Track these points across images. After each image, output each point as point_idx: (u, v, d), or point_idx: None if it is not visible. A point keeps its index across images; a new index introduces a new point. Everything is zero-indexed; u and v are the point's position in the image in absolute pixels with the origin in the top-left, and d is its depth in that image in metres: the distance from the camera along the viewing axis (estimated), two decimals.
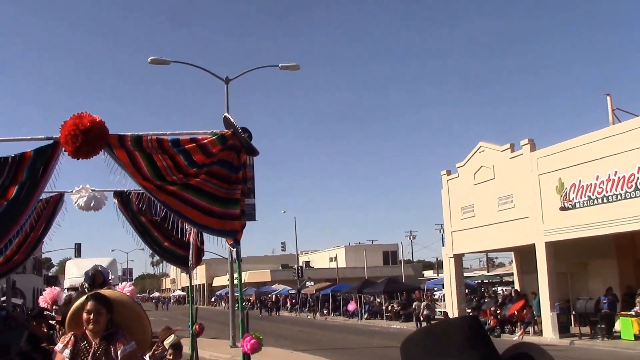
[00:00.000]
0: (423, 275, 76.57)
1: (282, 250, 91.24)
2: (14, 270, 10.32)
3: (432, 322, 33.94)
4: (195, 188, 6.01)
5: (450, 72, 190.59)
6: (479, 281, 56.92)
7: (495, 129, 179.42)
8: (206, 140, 5.84)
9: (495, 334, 28.89)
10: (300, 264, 77.88)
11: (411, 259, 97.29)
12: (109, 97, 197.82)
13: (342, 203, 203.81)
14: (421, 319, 35.53)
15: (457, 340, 1.56)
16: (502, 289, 41.43)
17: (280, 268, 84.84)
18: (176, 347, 8.60)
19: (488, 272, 65.73)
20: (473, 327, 1.61)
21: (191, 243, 9.16)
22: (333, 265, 76.46)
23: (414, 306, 39.55)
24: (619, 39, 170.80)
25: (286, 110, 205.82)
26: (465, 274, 61.65)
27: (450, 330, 1.61)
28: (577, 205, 25.62)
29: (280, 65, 30.20)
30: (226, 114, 6.10)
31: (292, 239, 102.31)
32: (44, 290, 10.25)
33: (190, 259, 9.48)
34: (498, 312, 30.77)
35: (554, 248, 27.73)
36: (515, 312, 29.49)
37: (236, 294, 56.72)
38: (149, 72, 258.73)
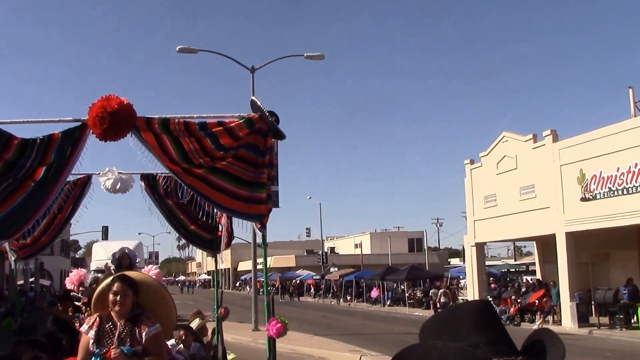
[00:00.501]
0: (449, 262, 76.63)
1: (307, 236, 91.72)
2: (41, 251, 10.36)
3: (422, 308, 35.18)
4: (221, 171, 5.99)
5: (476, 62, 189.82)
6: (505, 270, 57.28)
7: (519, 119, 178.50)
8: (233, 124, 5.82)
9: (515, 322, 29.37)
10: (325, 250, 77.69)
11: (437, 247, 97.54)
12: (137, 84, 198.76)
13: (369, 190, 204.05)
14: (438, 306, 35.91)
15: (466, 323, 1.63)
16: (528, 278, 41.80)
17: (305, 254, 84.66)
18: (190, 330, 8.62)
19: (515, 260, 65.94)
20: (482, 311, 1.67)
21: (222, 226, 9.10)
22: (358, 251, 75.93)
23: (430, 294, 40.14)
24: None
25: (311, 98, 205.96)
26: (492, 263, 62.09)
27: (460, 314, 1.68)
28: (598, 197, 25.81)
29: (305, 55, 30.46)
30: (253, 97, 6.07)
31: (317, 225, 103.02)
32: (71, 271, 10.25)
33: (221, 242, 9.45)
34: (519, 300, 30.96)
35: (574, 238, 27.87)
36: (536, 301, 30.03)
37: (261, 279, 57.81)
38: (177, 61, 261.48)
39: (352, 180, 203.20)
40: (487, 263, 58.24)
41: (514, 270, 56.85)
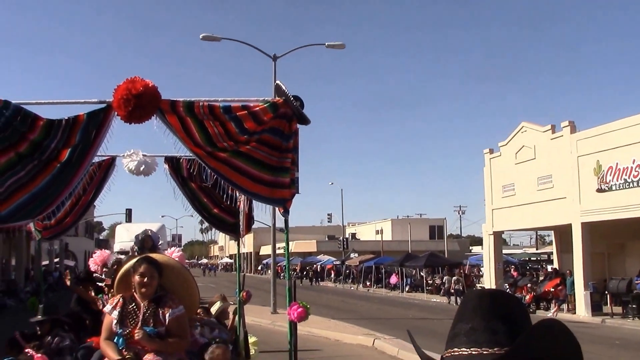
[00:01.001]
0: (470, 250, 76.81)
1: (329, 221, 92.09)
2: (64, 232, 10.33)
3: (439, 294, 36.02)
4: (245, 155, 5.96)
5: (499, 50, 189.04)
6: (526, 258, 57.49)
7: (540, 109, 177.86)
8: (258, 108, 5.79)
9: (531, 309, 29.87)
10: (346, 235, 77.68)
11: (460, 234, 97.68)
12: (160, 71, 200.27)
13: (392, 177, 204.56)
14: (451, 292, 36.80)
15: (467, 309, 1.68)
16: (549, 267, 42.33)
17: (326, 239, 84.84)
18: (204, 308, 8.62)
19: (537, 249, 66.07)
20: (481, 299, 1.68)
21: (242, 210, 8.99)
22: (379, 238, 75.50)
23: (443, 280, 40.61)
24: None
25: (333, 86, 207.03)
26: (512, 251, 62.35)
27: (467, 300, 1.73)
28: (614, 188, 25.95)
29: (326, 44, 30.61)
30: (278, 82, 6.03)
31: (339, 211, 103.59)
32: (94, 253, 10.16)
33: (240, 226, 9.37)
34: (534, 288, 31.28)
35: (590, 228, 27.98)
36: (551, 290, 30.53)
37: (282, 263, 58.59)
38: (200, 48, 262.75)
39: (375, 167, 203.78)
40: (508, 251, 58.68)
41: (535, 258, 57.17)
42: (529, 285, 31.74)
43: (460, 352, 1.62)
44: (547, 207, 30.33)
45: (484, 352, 1.59)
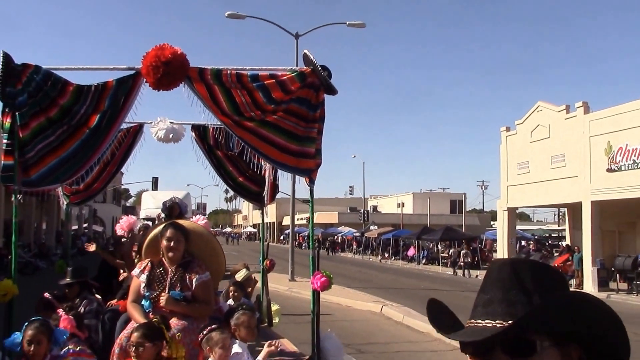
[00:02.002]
0: (491, 225, 77.49)
1: (350, 193, 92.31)
2: (92, 197, 10.30)
3: (471, 269, 37.40)
4: (272, 125, 5.90)
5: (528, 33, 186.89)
6: (545, 235, 58.02)
7: (562, 89, 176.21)
8: (285, 77, 5.71)
9: None
10: (368, 208, 78.23)
11: (482, 209, 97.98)
12: (187, 47, 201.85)
13: (416, 151, 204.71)
14: (462, 265, 37.77)
15: (488, 279, 1.61)
16: (563, 243, 43.17)
17: (348, 211, 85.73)
18: (239, 285, 8.57)
19: (559, 226, 66.61)
20: (500, 269, 1.60)
21: (267, 179, 8.90)
22: (400, 211, 77.71)
23: (450, 253, 41.51)
24: None
25: (355, 63, 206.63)
26: (531, 227, 63.08)
27: (489, 270, 1.65)
28: (623, 168, 26.29)
29: (347, 22, 31.17)
30: (306, 51, 5.94)
31: (361, 184, 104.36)
32: (121, 218, 10.08)
33: (264, 195, 9.28)
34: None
35: (601, 207, 28.33)
36: (560, 265, 31.53)
37: (304, 233, 60.02)
38: (225, 26, 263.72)
39: (400, 140, 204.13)
40: (527, 227, 59.47)
41: (556, 235, 57.76)
42: (540, 260, 32.54)
43: (476, 324, 1.56)
44: (560, 185, 30.62)
45: (498, 325, 1.51)
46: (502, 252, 35.71)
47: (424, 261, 46.43)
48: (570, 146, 29.88)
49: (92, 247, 9.37)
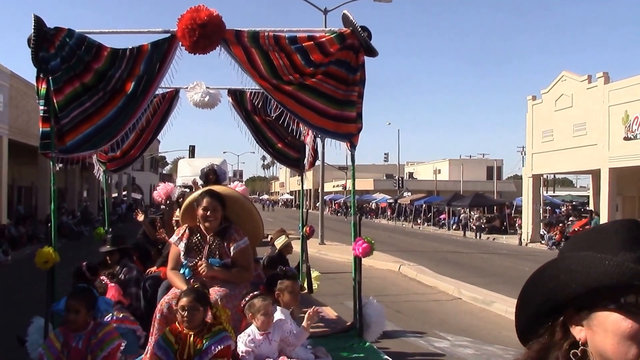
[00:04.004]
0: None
1: (385, 161, 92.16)
2: (129, 164, 10.12)
3: (483, 232, 40.65)
4: (311, 89, 5.72)
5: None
6: (575, 201, 58.99)
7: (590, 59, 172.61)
8: (324, 39, 5.51)
9: (560, 247, 32.42)
10: (404, 175, 78.90)
11: (521, 175, 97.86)
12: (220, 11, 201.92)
13: (453, 118, 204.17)
14: (474, 228, 39.76)
15: (612, 241, 1.47)
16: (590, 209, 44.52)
17: (384, 178, 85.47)
18: (279, 251, 8.62)
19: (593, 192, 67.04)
20: (631, 228, 1.49)
21: (308, 144, 8.73)
22: (437, 177, 75.33)
23: (460, 217, 43.73)
24: None
25: (390, 33, 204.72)
26: (560, 193, 64.03)
27: (606, 231, 1.51)
28: (638, 136, 27.31)
29: None
30: (345, 11, 5.72)
31: (402, 149, 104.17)
32: (158, 185, 9.84)
33: (304, 160, 9.21)
34: (565, 228, 32.88)
35: (621, 173, 29.25)
36: (579, 229, 33.11)
37: (340, 200, 62.08)
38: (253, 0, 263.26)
39: (442, 105, 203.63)
40: (564, 193, 60.51)
41: (587, 201, 58.65)
42: (560, 225, 33.87)
43: None
44: (581, 153, 31.56)
45: None
46: (526, 217, 36.56)
47: (454, 227, 47.30)
48: (591, 115, 30.63)
49: (140, 217, 9.17)
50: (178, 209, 7.12)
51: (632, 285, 1.37)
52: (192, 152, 56.64)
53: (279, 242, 8.88)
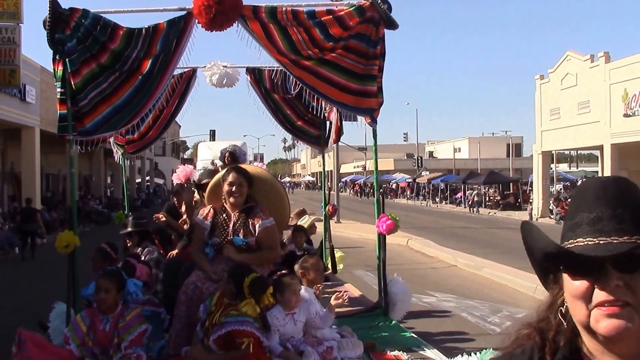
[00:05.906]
0: (551, 168, 78.51)
1: (404, 140, 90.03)
2: (147, 146, 9.97)
3: (480, 208, 42.40)
4: (331, 63, 5.60)
5: None
6: (589, 176, 59.61)
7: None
8: (343, 12, 5.37)
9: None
10: (424, 154, 77.79)
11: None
12: None
13: (475, 94, 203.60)
14: (490, 205, 41.93)
15: (587, 199, 1.55)
16: None
17: (404, 157, 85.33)
18: (303, 230, 8.60)
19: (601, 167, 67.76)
20: (604, 186, 1.55)
21: (332, 120, 8.57)
22: (457, 155, 76.36)
23: (467, 194, 45.69)
24: None
25: (407, 9, 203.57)
26: (573, 169, 65.29)
27: (585, 189, 1.58)
28: (637, 113, 28.37)
29: None
30: None
31: (422, 128, 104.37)
32: (177, 168, 9.70)
33: (327, 136, 9.04)
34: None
35: (623, 149, 30.36)
36: None
37: (360, 181, 63.30)
38: None
39: (455, 87, 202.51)
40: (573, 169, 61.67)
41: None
42: (568, 199, 36.28)
43: (586, 242, 1.49)
44: (585, 130, 32.77)
45: (614, 241, 1.46)
46: (537, 193, 37.69)
47: (469, 203, 47.82)
48: (594, 93, 31.63)
49: (162, 218, 8.74)
50: (198, 191, 7.02)
51: (562, 254, 1.49)
52: (212, 136, 56.36)
53: (304, 222, 8.83)
